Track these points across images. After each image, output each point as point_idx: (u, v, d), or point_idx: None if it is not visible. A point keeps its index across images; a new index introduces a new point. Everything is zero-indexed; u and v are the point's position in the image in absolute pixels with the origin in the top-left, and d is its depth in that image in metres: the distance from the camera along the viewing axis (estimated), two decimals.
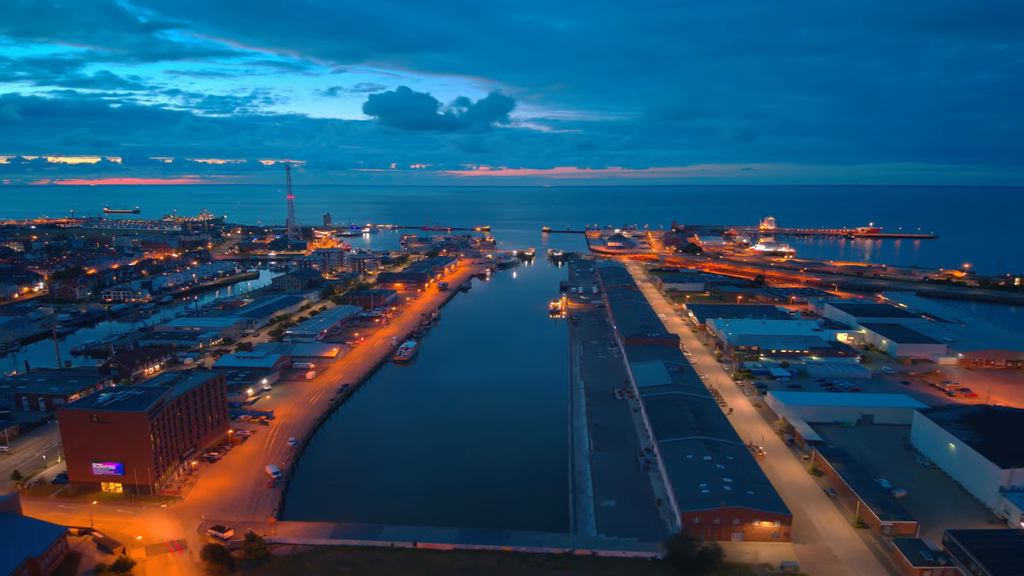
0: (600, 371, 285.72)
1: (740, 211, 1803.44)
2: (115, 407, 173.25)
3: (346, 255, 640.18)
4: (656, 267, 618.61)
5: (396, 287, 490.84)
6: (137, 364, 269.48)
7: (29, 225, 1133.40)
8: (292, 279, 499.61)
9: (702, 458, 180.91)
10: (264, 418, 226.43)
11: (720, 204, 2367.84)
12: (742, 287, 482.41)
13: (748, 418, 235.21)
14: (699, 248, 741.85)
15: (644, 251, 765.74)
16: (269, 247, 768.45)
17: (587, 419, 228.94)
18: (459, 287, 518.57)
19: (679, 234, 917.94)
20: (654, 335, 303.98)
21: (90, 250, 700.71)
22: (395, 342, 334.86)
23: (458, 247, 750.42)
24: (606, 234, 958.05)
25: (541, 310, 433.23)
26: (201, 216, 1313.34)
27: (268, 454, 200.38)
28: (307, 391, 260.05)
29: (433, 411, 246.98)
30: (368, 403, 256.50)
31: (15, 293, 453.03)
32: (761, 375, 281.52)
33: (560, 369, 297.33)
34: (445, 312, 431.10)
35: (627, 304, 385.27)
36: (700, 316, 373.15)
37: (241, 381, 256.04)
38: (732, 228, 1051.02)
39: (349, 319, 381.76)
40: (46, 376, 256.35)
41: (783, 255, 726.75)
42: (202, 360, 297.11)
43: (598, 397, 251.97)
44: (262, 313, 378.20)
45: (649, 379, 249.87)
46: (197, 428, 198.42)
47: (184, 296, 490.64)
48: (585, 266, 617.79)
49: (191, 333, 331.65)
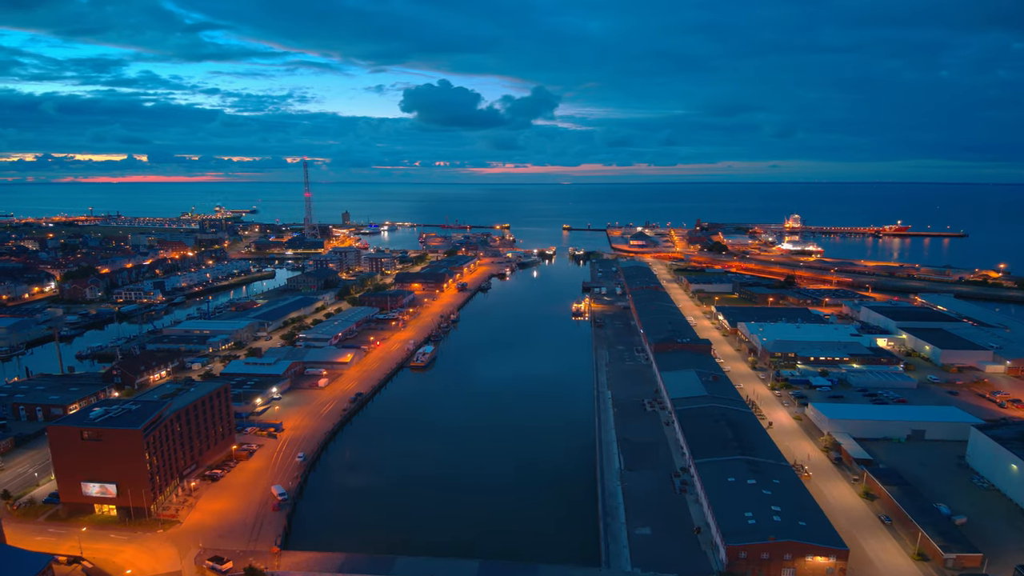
0: (627, 379, 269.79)
1: (763, 208, 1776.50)
2: (108, 423, 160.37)
3: (363, 254, 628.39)
4: (681, 267, 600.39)
5: (414, 287, 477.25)
6: (142, 371, 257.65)
7: (47, 223, 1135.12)
8: (308, 279, 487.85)
9: (745, 482, 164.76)
10: (272, 430, 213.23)
11: (743, 201, 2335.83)
12: (772, 288, 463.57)
13: (789, 433, 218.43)
14: (724, 247, 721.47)
15: (668, 250, 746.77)
16: (286, 245, 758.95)
17: (616, 433, 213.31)
18: (478, 287, 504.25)
19: (703, 232, 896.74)
20: (684, 340, 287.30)
21: (105, 248, 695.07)
22: (412, 346, 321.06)
23: (477, 246, 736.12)
24: (628, 232, 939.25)
25: (563, 311, 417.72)
26: (218, 214, 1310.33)
27: (275, 471, 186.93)
28: (319, 400, 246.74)
29: (450, 423, 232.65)
30: (382, 414, 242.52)
31: (25, 293, 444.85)
32: (800, 384, 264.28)
33: (585, 376, 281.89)
34: (464, 313, 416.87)
35: (653, 306, 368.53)
36: (731, 319, 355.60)
37: (250, 389, 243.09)
38: (757, 226, 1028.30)
39: (365, 321, 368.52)
40: (46, 383, 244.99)
41: (811, 254, 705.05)
42: (211, 366, 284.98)
43: (627, 408, 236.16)
44: (275, 315, 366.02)
45: (681, 389, 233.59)
46: (199, 443, 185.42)
47: (198, 296, 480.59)
48: (607, 265, 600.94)
49: (201, 336, 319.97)
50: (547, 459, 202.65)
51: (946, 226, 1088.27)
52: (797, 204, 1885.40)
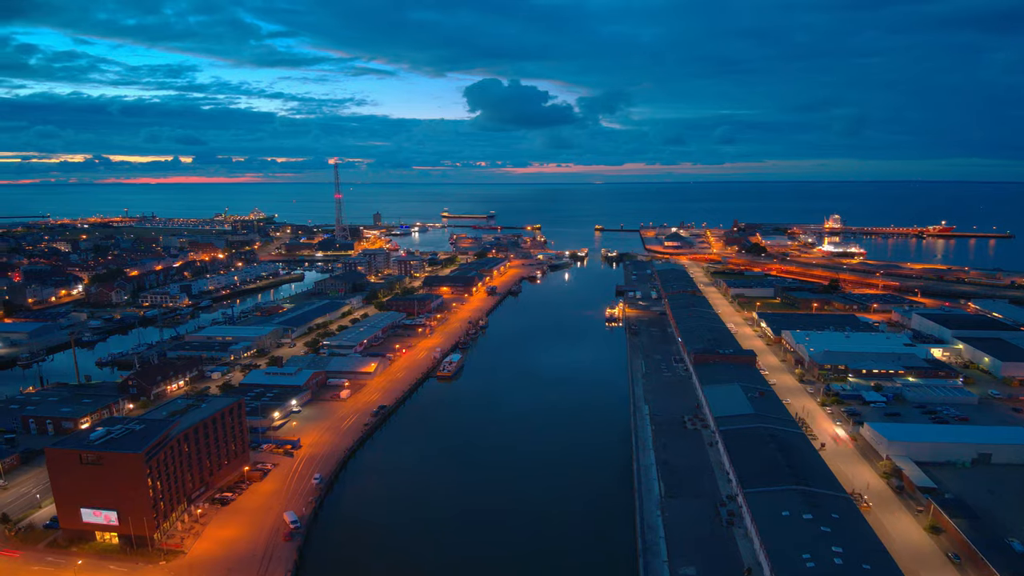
0: (666, 393, 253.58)
1: (801, 208, 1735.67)
2: (108, 446, 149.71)
3: (392, 256, 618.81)
4: (719, 269, 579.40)
5: (442, 291, 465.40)
6: (158, 381, 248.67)
7: (82, 224, 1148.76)
8: (335, 282, 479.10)
9: (801, 516, 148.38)
10: (289, 448, 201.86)
11: (780, 200, 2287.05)
12: (815, 293, 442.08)
13: (844, 456, 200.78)
14: (763, 248, 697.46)
15: (704, 251, 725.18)
16: (316, 247, 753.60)
17: (655, 455, 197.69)
18: (508, 290, 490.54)
19: (740, 233, 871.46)
20: (727, 351, 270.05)
21: (136, 251, 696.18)
22: (439, 354, 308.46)
23: (508, 247, 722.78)
24: (662, 233, 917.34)
25: (596, 317, 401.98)
26: (252, 215, 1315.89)
27: (289, 495, 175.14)
28: (340, 413, 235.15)
29: (475, 441, 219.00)
30: (406, 429, 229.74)
31: (52, 296, 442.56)
32: (852, 400, 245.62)
33: (619, 389, 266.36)
34: (493, 319, 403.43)
35: (692, 312, 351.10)
36: (775, 327, 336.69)
37: (268, 402, 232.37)
38: (795, 226, 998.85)
39: (391, 327, 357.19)
40: (60, 394, 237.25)
41: (853, 256, 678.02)
42: (230, 375, 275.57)
43: (666, 426, 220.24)
44: (300, 321, 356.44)
45: (726, 406, 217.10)
46: (210, 464, 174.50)
47: (225, 300, 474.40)
48: (642, 268, 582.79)
49: (223, 343, 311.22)
50: (580, 483, 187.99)
51: (992, 227, 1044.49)
52: (836, 203, 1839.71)
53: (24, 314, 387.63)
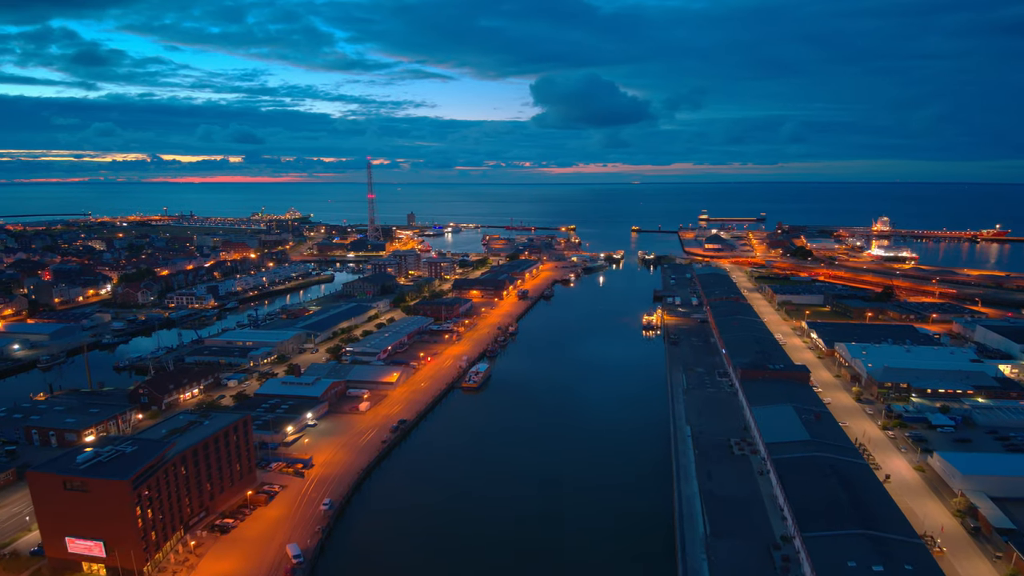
0: (710, 411, 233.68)
1: (847, 209, 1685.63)
2: (93, 471, 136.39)
3: (423, 258, 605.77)
4: (763, 274, 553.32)
5: (472, 295, 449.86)
6: (171, 389, 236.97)
7: (121, 222, 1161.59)
8: (364, 284, 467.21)
9: (870, 568, 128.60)
10: (300, 467, 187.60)
11: (826, 202, 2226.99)
12: (868, 301, 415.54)
13: (911, 490, 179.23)
14: (809, 252, 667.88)
15: (746, 254, 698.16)
16: (348, 247, 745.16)
17: (698, 484, 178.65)
18: (541, 294, 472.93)
19: (784, 235, 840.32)
20: (777, 366, 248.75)
21: (170, 250, 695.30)
22: (465, 363, 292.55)
23: (541, 249, 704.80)
24: (702, 234, 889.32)
25: (632, 324, 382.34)
26: (288, 214, 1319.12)
27: (295, 522, 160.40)
28: (357, 427, 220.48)
29: (501, 462, 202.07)
30: (426, 447, 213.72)
31: (80, 296, 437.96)
32: (916, 423, 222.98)
33: (658, 405, 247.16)
34: (523, 325, 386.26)
35: (736, 321, 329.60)
36: (827, 339, 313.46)
37: (282, 415, 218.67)
38: (842, 229, 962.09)
39: (417, 333, 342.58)
40: (68, 403, 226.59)
41: (905, 260, 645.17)
42: (247, 383, 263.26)
43: (710, 450, 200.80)
44: (324, 325, 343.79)
45: (778, 430, 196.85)
46: (211, 487, 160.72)
47: (252, 301, 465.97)
48: (681, 271, 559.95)
49: (243, 349, 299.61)
50: (615, 516, 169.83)
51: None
52: (883, 205, 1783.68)
53: (49, 314, 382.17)
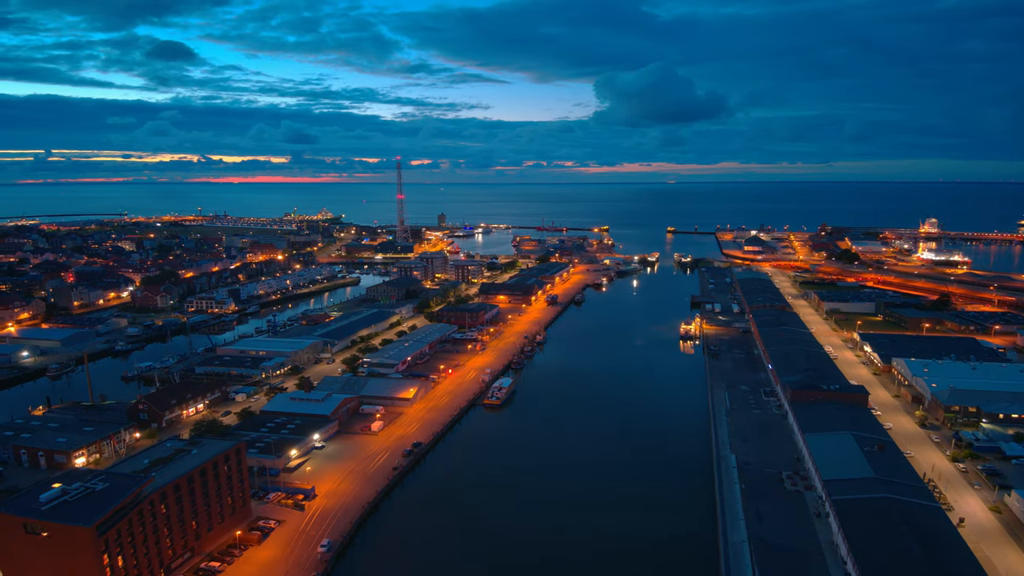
0: (757, 437, 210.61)
1: (890, 210, 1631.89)
2: (55, 513, 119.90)
3: (450, 261, 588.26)
4: (807, 279, 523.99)
5: (498, 300, 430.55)
6: (172, 405, 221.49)
7: (156, 222, 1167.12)
8: (388, 288, 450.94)
9: None
10: (300, 498, 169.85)
11: (869, 202, 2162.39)
12: (923, 310, 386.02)
13: (988, 536, 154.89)
14: (856, 255, 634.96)
15: (788, 257, 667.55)
16: (376, 249, 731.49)
17: (747, 528, 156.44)
18: (571, 300, 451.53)
19: (828, 237, 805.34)
20: (832, 386, 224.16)
21: (199, 250, 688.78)
22: (488, 377, 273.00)
23: (572, 251, 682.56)
24: (740, 236, 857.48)
25: (668, 333, 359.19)
26: (319, 215, 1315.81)
27: (288, 566, 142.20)
28: (368, 450, 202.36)
29: (522, 493, 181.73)
30: (441, 474, 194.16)
31: (100, 299, 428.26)
32: (989, 453, 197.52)
33: (698, 428, 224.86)
34: (552, 333, 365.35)
35: (782, 333, 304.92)
36: (882, 353, 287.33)
37: (287, 436, 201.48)
38: (887, 231, 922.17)
39: (440, 342, 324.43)
40: (65, 418, 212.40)
41: (957, 265, 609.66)
42: (256, 398, 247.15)
43: (759, 485, 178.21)
44: (343, 333, 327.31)
45: (836, 464, 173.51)
46: (197, 526, 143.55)
47: (275, 305, 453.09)
48: (720, 276, 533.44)
49: (255, 359, 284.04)
50: (651, 568, 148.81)
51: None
52: (928, 205, 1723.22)
53: (66, 318, 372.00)
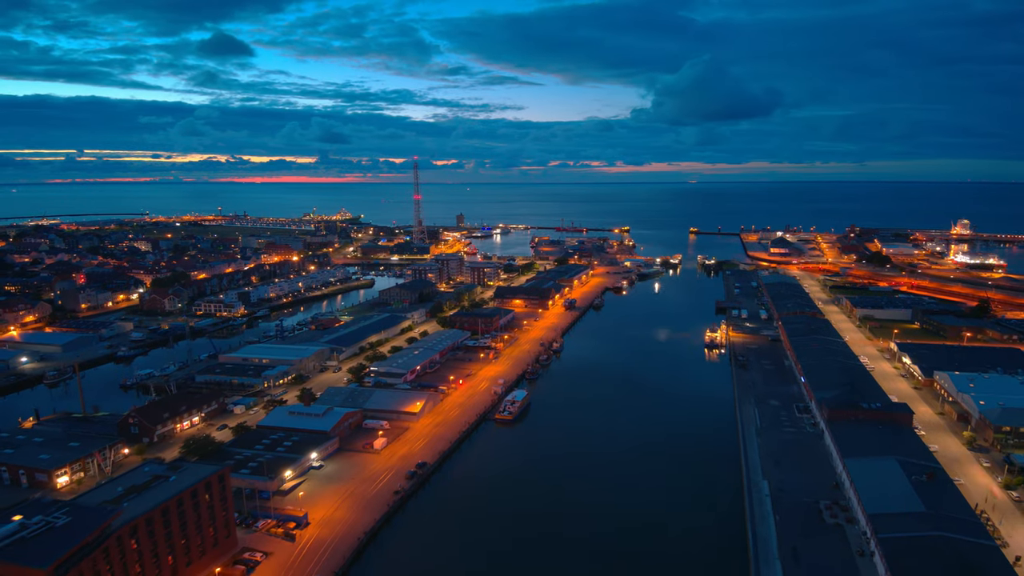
0: (791, 459, 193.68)
1: (918, 210, 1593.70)
2: (9, 552, 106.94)
3: (466, 262, 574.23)
4: (838, 283, 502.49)
5: (514, 304, 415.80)
6: (165, 418, 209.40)
7: (175, 222, 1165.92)
8: (401, 292, 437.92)
9: None
10: (292, 526, 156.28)
11: (898, 202, 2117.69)
12: (963, 318, 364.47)
13: None
14: (887, 258, 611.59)
15: (815, 260, 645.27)
16: (392, 250, 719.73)
17: (782, 568, 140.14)
18: (590, 304, 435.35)
19: (857, 239, 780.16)
20: (873, 404, 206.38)
21: (215, 251, 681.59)
22: (501, 388, 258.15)
23: (592, 253, 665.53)
24: (766, 237, 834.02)
25: (692, 341, 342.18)
26: (338, 215, 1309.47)
27: None
28: (369, 470, 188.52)
29: (533, 522, 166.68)
30: (447, 498, 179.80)
31: (109, 301, 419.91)
32: None
33: (726, 450, 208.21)
34: (569, 340, 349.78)
35: (815, 342, 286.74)
36: (923, 365, 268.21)
37: (283, 454, 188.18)
38: (918, 232, 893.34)
39: (451, 349, 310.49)
40: (52, 432, 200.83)
41: (993, 268, 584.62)
42: (254, 410, 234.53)
43: (794, 516, 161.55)
44: (351, 339, 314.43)
45: (881, 495, 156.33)
46: (174, 560, 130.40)
47: (286, 308, 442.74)
48: (745, 279, 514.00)
49: (258, 367, 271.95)
50: None
51: None
52: (957, 205, 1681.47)
53: (72, 322, 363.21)
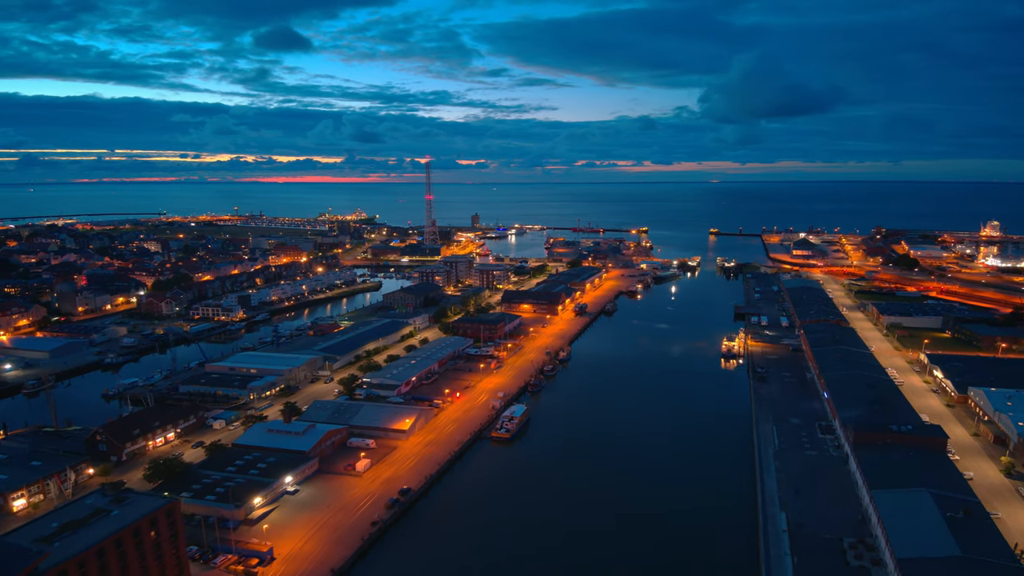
0: (812, 487, 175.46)
1: (942, 211, 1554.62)
2: None
3: (476, 264, 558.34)
4: (863, 288, 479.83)
5: (522, 309, 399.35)
6: (135, 435, 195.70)
7: (190, 222, 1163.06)
8: (405, 296, 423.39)
9: None
10: (254, 564, 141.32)
11: (922, 203, 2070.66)
12: (997, 326, 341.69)
13: None
14: (916, 261, 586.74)
15: (840, 262, 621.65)
16: (402, 252, 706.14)
17: None
18: (601, 309, 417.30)
19: (883, 241, 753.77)
20: (904, 427, 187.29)
21: (224, 252, 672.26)
22: (499, 402, 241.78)
23: (607, 254, 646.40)
24: (788, 239, 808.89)
25: (708, 350, 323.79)
26: (354, 215, 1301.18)
27: None
28: (348, 496, 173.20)
29: (527, 560, 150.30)
30: (431, 529, 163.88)
31: (107, 304, 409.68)
32: None
33: (741, 473, 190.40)
34: (578, 348, 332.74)
35: (839, 353, 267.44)
36: (957, 380, 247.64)
37: (255, 478, 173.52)
38: (945, 234, 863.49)
39: (451, 359, 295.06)
40: (17, 448, 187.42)
41: None
42: (234, 425, 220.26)
43: (815, 555, 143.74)
44: (346, 347, 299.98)
45: (913, 534, 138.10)
46: None
47: (289, 312, 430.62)
48: (766, 283, 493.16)
49: (246, 377, 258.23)
50: None
51: None
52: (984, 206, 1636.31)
53: (63, 326, 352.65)
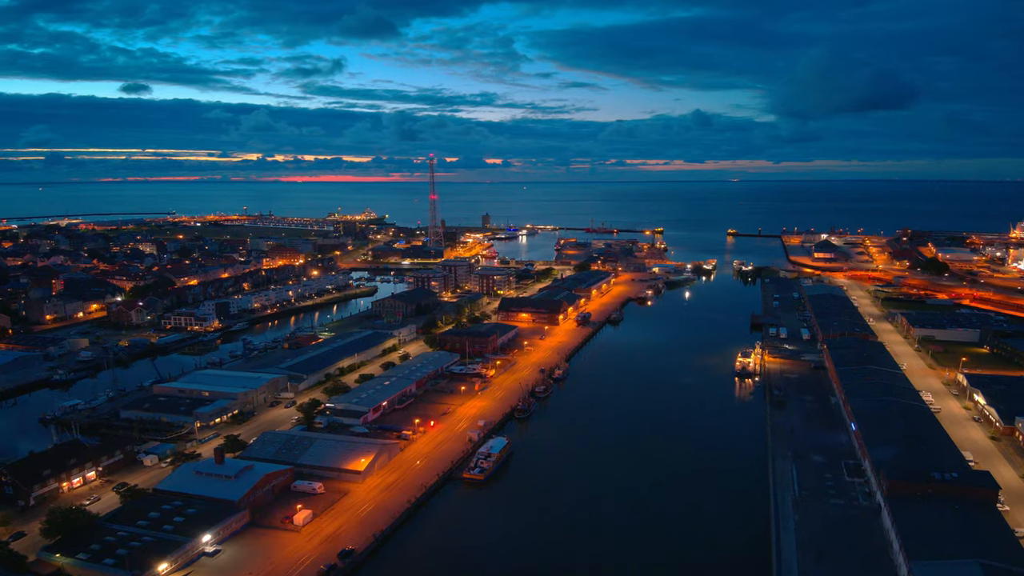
0: (837, 550, 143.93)
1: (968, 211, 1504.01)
2: None
3: (478, 268, 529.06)
4: (890, 295, 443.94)
5: (520, 319, 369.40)
6: (46, 476, 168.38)
7: (195, 222, 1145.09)
8: (395, 303, 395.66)
9: None
10: None
11: (944, 203, 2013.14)
12: None
13: None
14: (944, 265, 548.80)
15: (864, 266, 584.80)
16: (404, 254, 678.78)
17: None
18: (607, 318, 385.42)
19: (910, 243, 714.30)
20: (948, 475, 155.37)
21: (221, 254, 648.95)
22: (479, 433, 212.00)
23: (617, 257, 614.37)
24: (809, 240, 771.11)
25: (722, 368, 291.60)
26: (363, 215, 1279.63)
27: None
28: (277, 559, 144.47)
29: None
30: None
31: (79, 312, 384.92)
32: None
33: (754, 528, 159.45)
34: (577, 363, 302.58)
35: (868, 375, 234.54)
36: (1001, 407, 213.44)
37: (167, 535, 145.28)
38: (973, 235, 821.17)
39: (432, 378, 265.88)
40: None
41: None
42: (166, 463, 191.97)
43: None
44: (318, 363, 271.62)
45: None
46: None
47: (272, 320, 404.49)
48: (786, 289, 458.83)
49: (196, 400, 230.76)
50: None
51: None
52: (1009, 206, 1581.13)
53: (22, 338, 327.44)
